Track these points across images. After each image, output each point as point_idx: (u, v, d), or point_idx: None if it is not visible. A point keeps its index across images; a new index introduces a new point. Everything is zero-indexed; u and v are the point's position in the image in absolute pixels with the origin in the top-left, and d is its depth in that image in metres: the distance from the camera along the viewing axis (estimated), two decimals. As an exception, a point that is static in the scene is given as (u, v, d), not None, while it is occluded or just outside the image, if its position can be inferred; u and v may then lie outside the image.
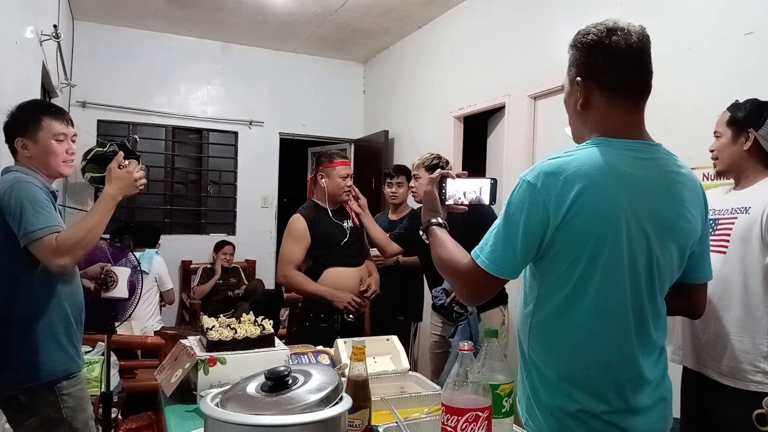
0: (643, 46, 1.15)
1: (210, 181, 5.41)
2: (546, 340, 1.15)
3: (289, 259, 2.58)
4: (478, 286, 1.15)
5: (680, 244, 1.15)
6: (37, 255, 1.63)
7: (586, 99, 1.16)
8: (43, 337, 1.68)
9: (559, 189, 1.06)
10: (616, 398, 1.10)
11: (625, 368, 1.11)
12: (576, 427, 1.10)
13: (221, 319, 1.72)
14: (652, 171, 1.12)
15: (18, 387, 1.66)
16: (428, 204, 1.37)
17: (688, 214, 1.15)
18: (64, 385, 1.71)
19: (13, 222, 1.62)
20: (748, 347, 1.63)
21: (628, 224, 1.07)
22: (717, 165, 1.81)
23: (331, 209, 2.67)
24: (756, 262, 1.63)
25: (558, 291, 1.11)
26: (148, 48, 4.99)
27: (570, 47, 1.21)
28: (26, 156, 1.76)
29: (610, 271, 1.08)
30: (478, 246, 1.14)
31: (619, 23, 1.16)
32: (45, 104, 1.91)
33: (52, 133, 1.76)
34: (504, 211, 1.12)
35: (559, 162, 1.09)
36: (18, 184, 1.65)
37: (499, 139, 3.87)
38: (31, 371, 1.66)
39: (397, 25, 4.70)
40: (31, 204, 1.62)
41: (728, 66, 2.30)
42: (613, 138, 1.12)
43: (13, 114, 1.79)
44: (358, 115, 5.88)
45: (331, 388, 0.93)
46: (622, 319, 1.10)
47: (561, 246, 1.08)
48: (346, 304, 2.50)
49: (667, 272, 1.15)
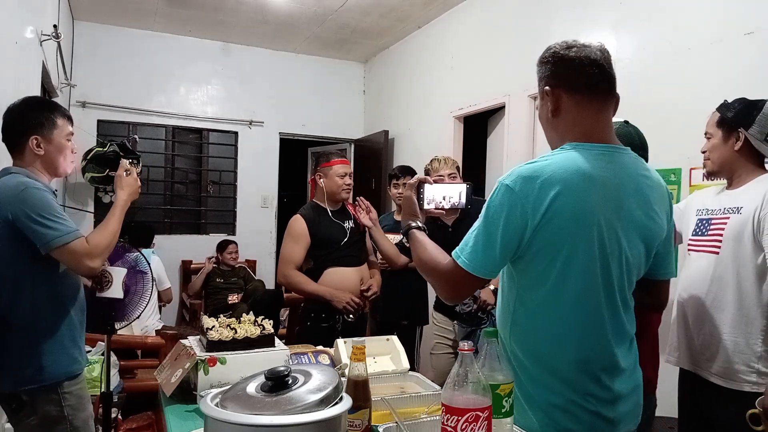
0: (604, 56, 1.22)
1: (210, 181, 5.41)
2: (528, 338, 1.20)
3: (289, 260, 2.58)
4: (459, 285, 1.21)
5: (647, 242, 1.22)
6: (66, 259, 1.66)
7: (556, 105, 1.23)
8: (46, 341, 1.69)
9: (536, 192, 1.11)
10: (598, 388, 1.16)
11: (603, 358, 1.18)
12: (564, 420, 1.16)
13: (221, 319, 1.72)
14: (621, 174, 1.18)
15: (21, 387, 1.67)
16: (407, 209, 1.44)
17: (655, 215, 1.23)
18: (65, 384, 1.73)
19: (29, 230, 1.62)
20: (743, 348, 1.63)
21: (600, 224, 1.14)
22: (708, 166, 1.82)
23: (331, 209, 2.67)
24: (749, 262, 1.63)
25: (537, 289, 1.17)
26: (148, 48, 4.99)
27: (537, 65, 1.28)
28: (37, 154, 1.75)
29: (585, 269, 1.14)
30: (459, 247, 1.19)
31: (579, 40, 1.25)
32: (56, 103, 1.91)
33: (65, 132, 1.80)
34: (483, 214, 1.17)
35: (536, 166, 1.15)
36: (28, 191, 1.64)
37: (499, 139, 3.87)
38: (35, 373, 1.67)
39: (397, 25, 4.71)
40: (48, 211, 1.64)
41: (728, 66, 2.30)
42: (584, 143, 1.19)
43: (24, 111, 1.76)
44: (358, 115, 5.88)
45: (331, 388, 0.93)
46: (598, 313, 1.17)
47: (539, 246, 1.14)
48: (345, 304, 2.50)
49: (635, 268, 1.22)
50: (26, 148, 1.74)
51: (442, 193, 1.48)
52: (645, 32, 2.70)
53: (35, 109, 1.78)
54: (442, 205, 1.47)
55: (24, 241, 1.64)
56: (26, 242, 1.64)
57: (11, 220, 1.62)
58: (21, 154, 1.76)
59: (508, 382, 1.09)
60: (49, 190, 1.73)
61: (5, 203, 1.63)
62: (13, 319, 1.67)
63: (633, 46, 2.76)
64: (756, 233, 1.61)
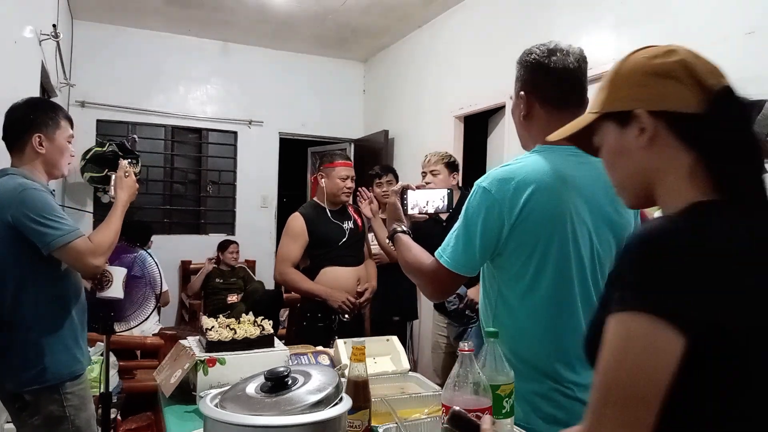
0: (580, 66, 1.28)
1: (209, 180, 5.40)
2: (508, 332, 1.24)
3: (287, 257, 2.58)
4: (442, 283, 1.30)
5: (617, 236, 1.29)
6: (68, 258, 1.67)
7: (528, 111, 1.30)
8: (49, 341, 1.70)
9: (511, 193, 1.19)
10: (579, 377, 1.22)
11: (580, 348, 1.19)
12: (547, 407, 1.22)
13: (221, 319, 1.72)
14: (591, 172, 1.22)
15: (24, 387, 1.67)
16: (392, 214, 1.52)
17: (623, 210, 1.28)
18: (67, 385, 1.73)
19: (29, 231, 1.62)
20: None
21: (573, 221, 1.21)
22: None
23: (330, 209, 2.67)
24: None
25: (516, 285, 1.24)
26: (147, 48, 4.98)
27: (516, 64, 1.33)
28: (38, 152, 1.75)
29: (560, 264, 1.21)
30: (441, 247, 1.27)
31: (559, 45, 1.28)
32: (59, 105, 1.93)
33: (67, 134, 1.82)
34: (463, 215, 1.25)
35: (510, 169, 1.22)
36: (27, 192, 1.64)
37: (499, 139, 3.87)
38: (38, 374, 1.68)
39: (397, 24, 4.70)
40: (49, 212, 1.64)
41: (728, 66, 2.29)
42: (554, 146, 1.23)
43: (29, 109, 1.77)
44: (358, 115, 5.87)
45: (330, 389, 0.93)
46: (573, 306, 1.23)
47: (516, 244, 1.21)
48: (340, 304, 2.50)
49: (606, 262, 1.27)
50: (28, 145, 1.75)
51: (425, 198, 1.56)
52: (645, 32, 2.69)
53: (40, 108, 1.79)
54: (426, 209, 1.55)
55: (25, 243, 1.64)
56: (27, 244, 1.64)
57: (12, 223, 1.62)
58: (21, 152, 1.76)
59: (509, 383, 1.08)
60: (48, 190, 1.73)
61: (5, 206, 1.63)
62: (17, 320, 1.67)
63: (633, 46, 2.74)
64: None
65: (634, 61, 0.80)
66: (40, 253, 1.65)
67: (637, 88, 0.78)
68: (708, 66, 0.78)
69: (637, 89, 0.78)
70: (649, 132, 0.76)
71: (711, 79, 0.75)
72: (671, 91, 0.75)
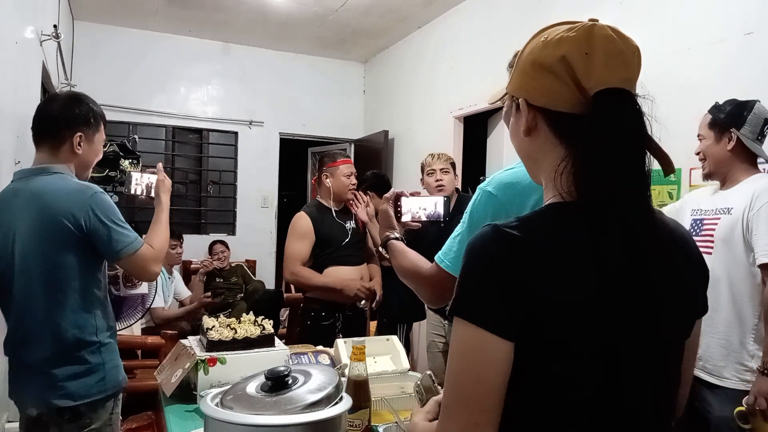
0: None
1: (210, 181, 5.40)
2: None
3: (296, 256, 2.59)
4: (443, 289, 1.25)
5: None
6: (133, 265, 1.59)
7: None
8: (108, 349, 1.62)
9: (519, 198, 1.16)
10: None
11: None
12: None
13: (221, 319, 1.73)
14: None
15: (81, 400, 1.55)
16: (384, 222, 1.49)
17: None
18: (119, 394, 1.67)
19: (99, 236, 1.52)
20: (737, 347, 1.64)
21: None
22: (705, 167, 1.83)
23: (335, 209, 2.69)
24: (740, 262, 1.64)
25: None
26: (148, 48, 4.99)
27: (508, 67, 1.31)
28: (74, 152, 1.62)
29: None
30: (441, 252, 1.24)
31: None
32: (99, 107, 1.81)
33: (102, 138, 1.75)
34: (467, 219, 1.22)
35: (515, 173, 1.19)
36: (98, 196, 1.55)
37: (499, 139, 3.87)
38: (102, 384, 1.59)
39: (397, 25, 4.70)
40: (119, 218, 1.57)
41: (728, 66, 2.30)
42: None
43: (73, 105, 1.66)
44: (358, 115, 5.87)
45: (331, 388, 0.94)
46: None
47: None
48: (356, 291, 2.54)
49: None
50: (66, 143, 1.61)
51: (419, 205, 1.54)
52: (645, 32, 2.69)
53: (84, 106, 1.68)
54: (419, 216, 1.54)
55: (87, 249, 1.54)
56: (89, 250, 1.54)
57: (85, 227, 1.51)
58: (56, 150, 1.61)
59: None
60: None
61: (74, 208, 1.51)
62: (85, 328, 1.57)
63: (633, 46, 2.75)
64: (745, 233, 1.62)
65: (532, 46, 0.79)
66: (97, 258, 1.57)
67: (524, 77, 0.78)
68: (604, 59, 0.74)
69: (524, 78, 0.78)
70: (528, 123, 0.78)
71: (593, 79, 0.72)
72: (549, 86, 0.74)
